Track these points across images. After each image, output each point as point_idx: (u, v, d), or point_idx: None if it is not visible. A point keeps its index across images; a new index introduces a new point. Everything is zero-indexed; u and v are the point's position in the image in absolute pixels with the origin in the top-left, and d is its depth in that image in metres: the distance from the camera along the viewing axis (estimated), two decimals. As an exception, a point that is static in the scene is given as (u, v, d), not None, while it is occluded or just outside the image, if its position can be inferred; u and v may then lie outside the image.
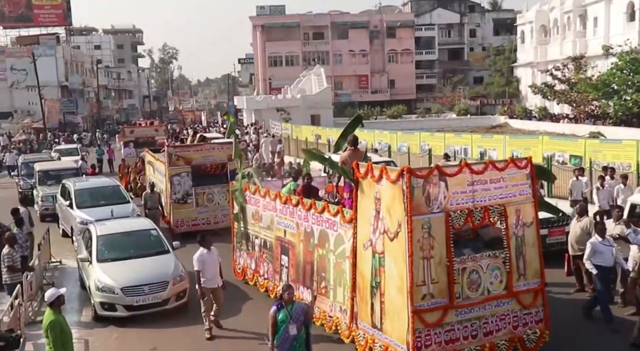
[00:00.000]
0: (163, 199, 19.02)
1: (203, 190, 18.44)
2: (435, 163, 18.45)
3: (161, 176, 19.97)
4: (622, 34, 50.60)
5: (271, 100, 60.65)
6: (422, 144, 30.49)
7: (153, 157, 22.06)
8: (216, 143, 20.02)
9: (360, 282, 9.60)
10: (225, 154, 18.50)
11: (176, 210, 18.38)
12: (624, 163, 20.65)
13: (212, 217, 18.53)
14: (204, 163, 18.55)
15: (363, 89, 79.20)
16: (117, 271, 12.27)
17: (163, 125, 41.08)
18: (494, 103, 68.54)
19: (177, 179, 18.33)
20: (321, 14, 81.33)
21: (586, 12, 58.39)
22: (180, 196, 18.35)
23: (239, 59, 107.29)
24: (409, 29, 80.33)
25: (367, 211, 9.32)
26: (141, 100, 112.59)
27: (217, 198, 18.52)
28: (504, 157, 25.15)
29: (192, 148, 19.23)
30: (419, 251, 8.49)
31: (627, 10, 52.43)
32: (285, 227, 11.90)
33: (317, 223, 10.82)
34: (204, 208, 18.49)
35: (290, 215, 11.67)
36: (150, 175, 22.38)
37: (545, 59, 63.37)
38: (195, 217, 18.44)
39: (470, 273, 8.91)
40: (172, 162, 18.37)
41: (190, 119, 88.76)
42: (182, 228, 18.32)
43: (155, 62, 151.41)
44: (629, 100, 40.71)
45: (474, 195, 8.96)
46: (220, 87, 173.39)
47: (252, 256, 13.42)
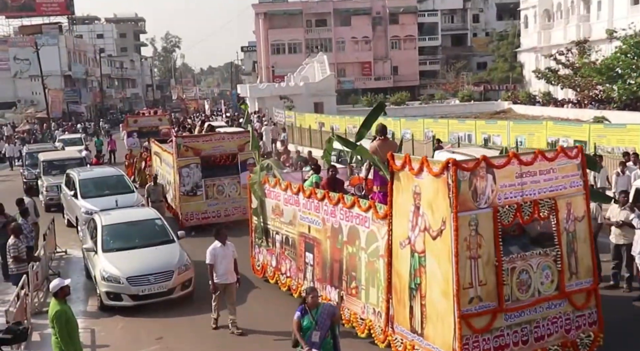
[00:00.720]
0: (171, 191, 18.70)
1: (213, 181, 17.90)
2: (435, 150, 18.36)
3: (169, 167, 19.39)
4: (626, 18, 50.22)
5: (274, 88, 60.54)
6: (425, 131, 30.46)
7: (160, 147, 21.41)
8: (226, 133, 19.24)
9: (396, 283, 8.99)
10: (235, 144, 17.99)
11: (185, 203, 17.84)
12: (628, 148, 20.58)
13: (223, 210, 18.02)
14: (213, 154, 17.92)
15: (366, 76, 78.97)
16: (123, 261, 12.33)
17: (167, 114, 40.76)
18: (498, 89, 68.24)
19: (186, 171, 17.75)
20: (323, 0, 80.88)
21: (590, -4, 57.95)
22: (190, 188, 17.80)
23: (242, 47, 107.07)
24: (411, 15, 79.92)
25: (405, 206, 8.66)
26: (144, 89, 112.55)
27: (227, 190, 18.00)
28: (507, 142, 25.11)
29: (201, 138, 18.43)
30: (466, 250, 7.88)
31: (631, -6, 52.02)
32: (309, 223, 11.30)
33: (346, 219, 10.18)
34: (214, 201, 17.96)
35: (315, 210, 11.05)
36: (157, 167, 21.91)
37: (549, 43, 63.02)
38: (205, 209, 17.90)
39: (519, 273, 8.30)
40: (180, 153, 17.73)
41: (193, 108, 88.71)
42: (192, 221, 17.84)
43: (158, 50, 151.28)
44: (633, 84, 40.47)
45: (523, 188, 8.33)
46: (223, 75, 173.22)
47: (272, 253, 12.82)
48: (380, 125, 10.87)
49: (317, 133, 35.57)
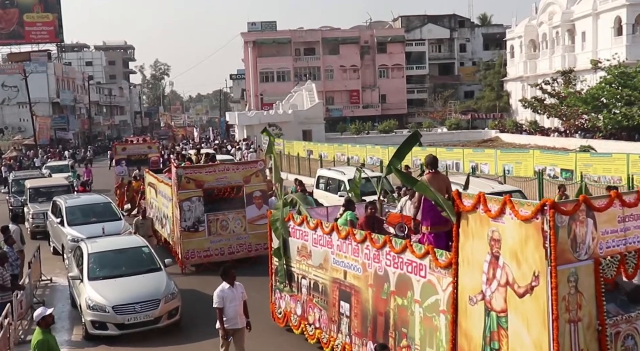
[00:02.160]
0: (168, 226, 17.57)
1: (216, 216, 16.29)
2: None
3: (166, 200, 17.84)
4: (610, 48, 51.17)
5: (263, 115, 60.79)
6: (414, 159, 30.57)
7: (155, 178, 19.74)
8: (231, 164, 18.12)
9: (464, 346, 7.61)
10: (241, 175, 16.53)
11: (186, 240, 16.16)
12: (614, 177, 20.79)
13: (227, 247, 16.38)
14: (217, 186, 16.43)
15: (354, 104, 79.49)
16: (108, 289, 12.17)
17: (156, 142, 40.44)
18: (485, 118, 68.93)
19: (187, 204, 16.08)
20: (312, 29, 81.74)
21: (574, 27, 59.00)
22: (191, 223, 16.14)
23: (231, 75, 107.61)
24: (399, 44, 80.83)
25: (477, 255, 7.34)
26: (133, 116, 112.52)
27: (232, 226, 16.41)
28: (495, 171, 25.29)
29: (204, 169, 16.68)
30: (565, 312, 6.53)
31: (614, 25, 53.08)
32: (345, 268, 9.92)
33: (395, 265, 8.83)
34: (218, 237, 16.31)
35: (353, 253, 9.70)
36: (152, 199, 20.31)
37: (535, 73, 63.89)
38: (207, 247, 16.27)
39: (624, 339, 7.00)
40: (181, 185, 16.09)
41: (181, 135, 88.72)
42: (193, 259, 16.35)
43: (147, 78, 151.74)
44: (618, 113, 41.03)
45: (626, 235, 7.07)
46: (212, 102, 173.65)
47: (297, 299, 11.35)
48: (431, 157, 9.63)
49: (305, 160, 35.64)
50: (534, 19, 66.62)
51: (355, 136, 61.18)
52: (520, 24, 69.96)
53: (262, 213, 15.94)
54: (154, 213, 19.43)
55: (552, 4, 63.38)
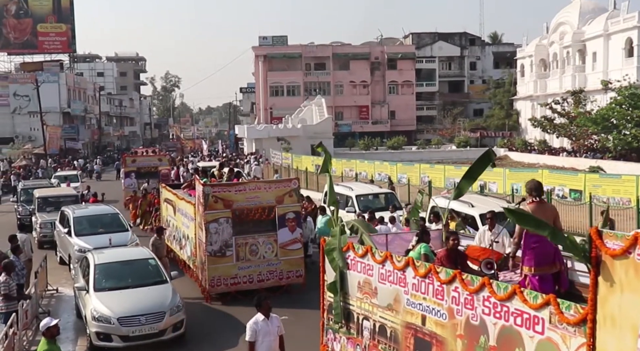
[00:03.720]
0: (189, 249, 16.35)
1: (245, 239, 14.70)
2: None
3: (188, 220, 16.47)
4: (621, 69, 51.12)
5: (272, 129, 61.02)
6: (422, 176, 30.56)
7: (174, 194, 18.26)
8: (263, 182, 16.56)
9: None
10: (273, 195, 14.92)
11: (212, 266, 14.50)
12: (623, 199, 20.69)
13: (256, 274, 14.79)
14: (247, 207, 14.74)
15: (364, 120, 79.60)
16: (114, 300, 12.16)
17: (167, 154, 40.12)
18: (494, 136, 68.87)
19: (215, 226, 14.45)
20: (323, 45, 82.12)
21: (585, 47, 59.03)
22: (218, 247, 14.51)
23: (241, 88, 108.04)
24: (409, 60, 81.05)
25: (629, 313, 5.89)
26: (142, 128, 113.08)
27: (262, 251, 14.84)
28: (503, 190, 25.20)
29: (233, 187, 15.03)
30: None
31: (625, 46, 53.08)
32: (424, 312, 8.33)
33: (497, 314, 7.19)
34: (246, 263, 14.72)
35: (435, 295, 8.13)
36: (169, 217, 18.99)
37: (545, 92, 63.87)
38: (235, 273, 14.65)
39: None
40: (209, 205, 14.46)
41: (189, 147, 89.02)
42: (219, 287, 14.64)
43: (158, 89, 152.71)
44: (628, 134, 40.91)
45: None
46: (221, 115, 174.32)
47: (356, 343, 9.83)
48: (535, 182, 8.46)
49: (313, 175, 35.66)
50: (545, 39, 66.70)
51: (364, 152, 61.23)
52: (531, 43, 70.05)
53: (295, 237, 15.00)
54: (170, 231, 18.52)
55: (563, 24, 63.49)
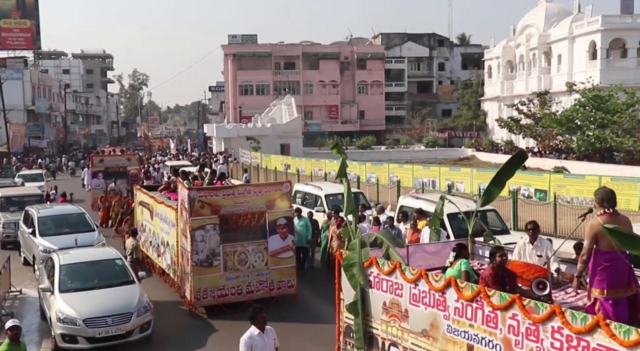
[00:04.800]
0: (168, 257, 15.27)
1: (234, 247, 13.61)
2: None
3: (168, 226, 15.32)
4: (585, 72, 52.16)
5: (241, 128, 60.78)
6: (390, 176, 30.74)
7: (152, 197, 17.01)
8: (252, 186, 15.09)
9: None
10: (264, 200, 13.88)
11: (198, 276, 13.34)
12: (587, 198, 21.09)
13: (245, 285, 13.71)
14: (236, 212, 13.64)
15: (333, 119, 79.77)
16: (80, 301, 11.99)
17: (136, 154, 39.38)
18: (462, 136, 69.65)
19: (201, 234, 13.33)
20: (293, 44, 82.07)
21: (551, 50, 60.05)
22: (204, 256, 13.38)
23: (210, 87, 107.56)
24: (379, 61, 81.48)
25: None
26: (109, 126, 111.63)
27: (251, 260, 13.77)
28: (470, 189, 25.51)
29: (220, 191, 13.85)
30: None
31: (589, 49, 54.16)
32: (471, 341, 7.20)
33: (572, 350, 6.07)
34: (235, 273, 13.62)
35: (486, 322, 6.96)
36: (146, 221, 17.54)
37: (512, 93, 64.80)
38: (222, 284, 13.53)
39: None
40: (195, 211, 13.30)
41: (157, 146, 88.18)
42: (205, 300, 13.50)
43: (125, 87, 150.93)
44: (591, 135, 41.72)
45: None
46: (190, 114, 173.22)
47: None
48: (606, 191, 7.33)
49: (282, 175, 35.63)
50: (512, 41, 67.66)
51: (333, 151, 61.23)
52: (498, 45, 71.00)
53: (286, 245, 14.07)
54: (146, 237, 17.47)
55: (530, 27, 64.49)
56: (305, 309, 13.70)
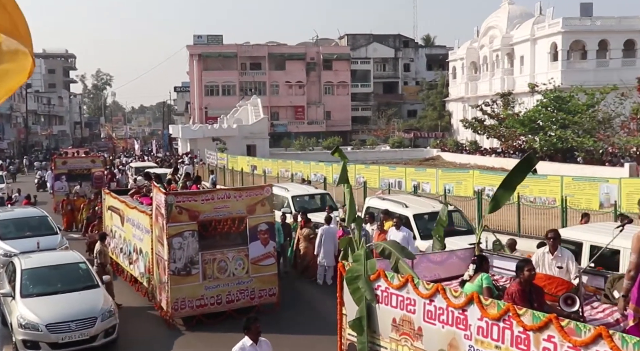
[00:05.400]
0: (141, 264, 14.66)
1: (213, 255, 12.98)
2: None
3: (141, 232, 14.64)
4: (547, 73, 53.11)
5: (207, 129, 60.42)
6: (357, 177, 30.84)
7: (122, 202, 16.27)
8: (232, 190, 14.27)
9: None
10: (244, 205, 13.23)
11: (176, 286, 12.68)
12: (549, 198, 21.48)
13: (225, 294, 13.07)
14: (215, 218, 13.00)
15: (299, 120, 79.77)
16: (42, 306, 11.79)
17: (101, 155, 38.50)
18: (427, 136, 70.25)
19: (179, 241, 12.68)
20: (259, 44, 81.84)
21: (513, 51, 60.96)
22: (182, 265, 12.71)
23: (175, 87, 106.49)
24: (345, 61, 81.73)
25: None
26: (72, 127, 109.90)
27: (231, 267, 13.15)
28: (436, 190, 25.78)
29: (199, 196, 13.18)
30: None
31: (550, 50, 55.15)
32: None
33: None
34: (214, 282, 12.98)
35: (516, 344, 6.34)
36: (116, 227, 16.82)
37: (476, 94, 65.60)
38: (201, 294, 12.88)
39: None
40: (172, 217, 12.64)
41: (122, 147, 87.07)
42: (184, 310, 12.82)
43: (88, 88, 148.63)
44: (553, 136, 42.47)
45: None
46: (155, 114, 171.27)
47: None
48: None
49: (249, 176, 35.50)
50: (476, 42, 68.50)
51: (300, 152, 61.39)
52: (462, 46, 71.80)
53: (268, 252, 13.50)
54: (115, 243, 16.74)
55: (493, 28, 65.37)
56: (289, 318, 13.28)
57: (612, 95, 41.89)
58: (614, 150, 40.50)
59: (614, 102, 41.58)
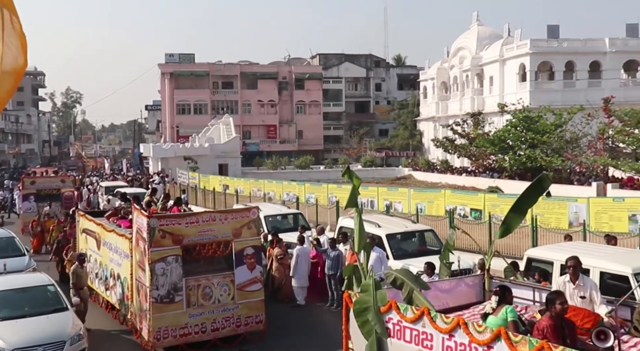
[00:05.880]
0: (120, 290, 13.98)
1: (198, 281, 12.44)
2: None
3: (119, 257, 14.07)
4: (516, 93, 53.98)
5: (178, 148, 60.03)
6: (330, 196, 30.86)
7: (99, 225, 15.62)
8: (217, 212, 14.02)
9: None
10: (230, 228, 12.78)
11: (158, 314, 12.06)
12: (520, 217, 21.65)
13: (210, 322, 12.50)
14: (200, 242, 12.49)
15: (271, 139, 79.79)
16: (9, 330, 11.51)
17: (71, 175, 37.73)
18: (399, 156, 70.70)
19: (161, 267, 12.09)
20: (231, 63, 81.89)
21: (483, 72, 61.91)
22: (165, 292, 12.15)
23: (146, 106, 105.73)
24: (317, 81, 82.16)
25: None
26: (41, 145, 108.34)
27: (216, 294, 12.61)
28: (408, 209, 25.90)
29: (183, 219, 12.71)
30: None
31: (519, 71, 56.15)
32: None
33: None
34: (199, 309, 12.43)
35: None
36: (91, 251, 16.13)
37: (446, 114, 66.35)
38: (185, 322, 12.30)
39: None
40: (155, 241, 12.11)
41: (91, 166, 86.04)
42: (166, 340, 12.20)
43: (58, 106, 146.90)
44: (523, 155, 43.05)
45: None
46: (125, 133, 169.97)
47: None
48: None
49: (221, 195, 35.29)
50: (446, 62, 69.43)
51: (272, 171, 61.29)
52: (433, 66, 72.68)
53: (254, 277, 13.04)
54: (91, 268, 15.91)
55: (463, 49, 66.35)
56: (279, 347, 12.80)
57: (579, 115, 42.67)
58: (582, 170, 41.16)
59: (581, 122, 42.34)
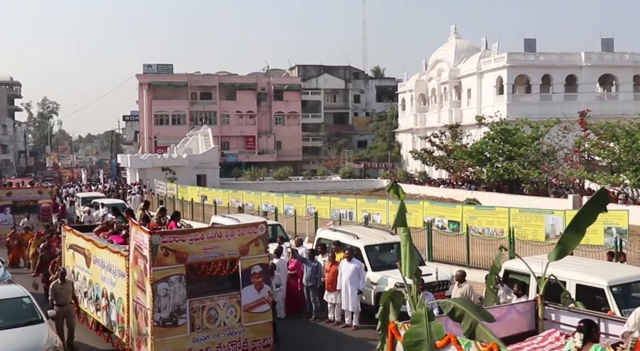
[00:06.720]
0: (114, 312, 13.10)
1: (202, 302, 11.69)
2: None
3: (113, 276, 13.15)
4: (493, 106, 54.57)
5: (156, 159, 59.67)
6: (308, 207, 30.86)
7: (89, 241, 14.59)
8: (223, 228, 12.91)
9: None
10: (236, 245, 12.06)
11: (160, 339, 11.27)
12: (497, 229, 21.90)
13: (215, 346, 11.79)
14: (205, 260, 11.71)
15: (250, 150, 79.66)
16: (-18, 344, 11.34)
17: (48, 186, 37.06)
18: (377, 167, 70.95)
19: (164, 287, 11.31)
20: (209, 74, 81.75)
21: (461, 84, 62.52)
22: (167, 314, 11.34)
23: (124, 116, 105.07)
24: (295, 92, 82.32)
25: None
26: (17, 156, 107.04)
27: (222, 316, 11.86)
28: (387, 221, 25.98)
29: (187, 235, 11.83)
30: None
31: (496, 84, 56.81)
32: None
33: None
34: (203, 333, 11.67)
35: None
36: (79, 268, 15.17)
37: (425, 126, 66.78)
38: (189, 347, 11.54)
39: None
40: (157, 259, 11.28)
41: (68, 176, 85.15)
42: None
43: (34, 116, 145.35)
44: (500, 167, 43.46)
45: None
46: (103, 143, 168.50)
47: None
48: None
49: (199, 206, 35.13)
50: (424, 75, 69.99)
51: (251, 182, 61.15)
52: (411, 79, 73.21)
53: (262, 297, 12.33)
54: (78, 286, 15.02)
55: (441, 62, 66.96)
56: None
57: (556, 128, 43.20)
58: (558, 182, 41.64)
59: (558, 135, 42.87)
